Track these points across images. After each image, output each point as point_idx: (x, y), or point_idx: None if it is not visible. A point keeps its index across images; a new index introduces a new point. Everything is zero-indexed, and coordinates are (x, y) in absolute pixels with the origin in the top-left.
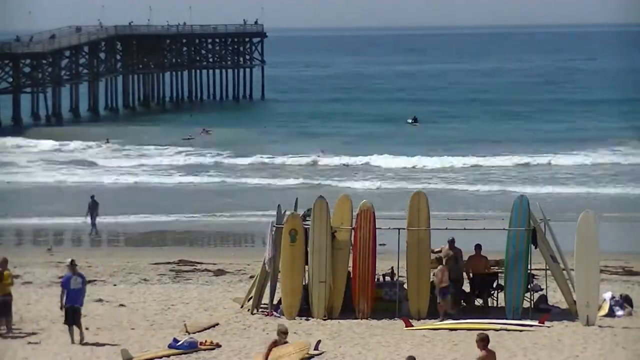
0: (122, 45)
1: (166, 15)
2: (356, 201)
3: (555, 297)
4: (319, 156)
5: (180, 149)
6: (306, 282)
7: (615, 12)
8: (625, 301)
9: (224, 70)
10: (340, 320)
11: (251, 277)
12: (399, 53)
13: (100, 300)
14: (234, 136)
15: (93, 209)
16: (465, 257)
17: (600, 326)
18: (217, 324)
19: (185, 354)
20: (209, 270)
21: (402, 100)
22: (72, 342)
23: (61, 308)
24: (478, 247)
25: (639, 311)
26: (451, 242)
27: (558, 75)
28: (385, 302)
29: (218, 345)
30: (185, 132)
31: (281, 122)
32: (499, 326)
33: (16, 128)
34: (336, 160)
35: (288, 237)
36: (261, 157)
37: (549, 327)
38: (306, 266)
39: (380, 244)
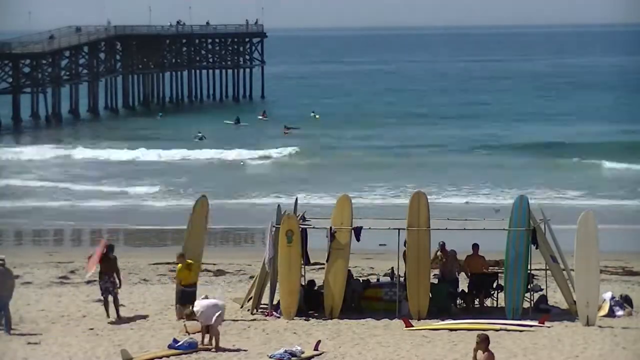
0: (122, 45)
1: (166, 15)
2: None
3: (555, 297)
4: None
5: None
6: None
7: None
8: (625, 301)
9: (223, 70)
10: (340, 320)
11: (251, 277)
12: (401, 52)
13: (100, 300)
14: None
15: None
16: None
17: (600, 326)
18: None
19: (185, 354)
20: (209, 271)
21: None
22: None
23: None
24: (475, 247)
25: (639, 311)
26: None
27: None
28: (385, 302)
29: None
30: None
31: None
32: (498, 326)
33: (16, 128)
34: None
35: (285, 238)
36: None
37: (549, 327)
38: (306, 267)
39: (380, 244)
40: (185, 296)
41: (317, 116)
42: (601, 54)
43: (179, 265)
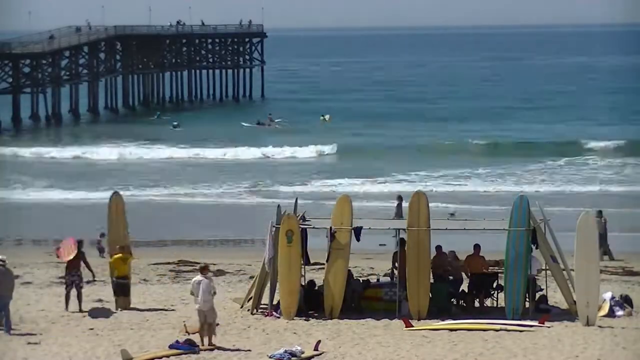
0: (122, 45)
1: (166, 15)
2: None
3: (555, 297)
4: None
5: None
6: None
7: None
8: (625, 301)
9: (223, 70)
10: (340, 320)
11: (251, 277)
12: (401, 52)
13: (100, 300)
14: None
15: None
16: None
17: (600, 326)
18: (217, 324)
19: (185, 354)
20: (209, 271)
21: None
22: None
23: None
24: (477, 247)
25: (639, 311)
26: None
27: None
28: (385, 302)
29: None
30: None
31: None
32: (498, 326)
33: (16, 129)
34: None
35: (285, 238)
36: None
37: (549, 327)
38: (306, 267)
39: (380, 244)
40: (119, 288)
41: (327, 117)
42: (601, 54)
43: (115, 256)
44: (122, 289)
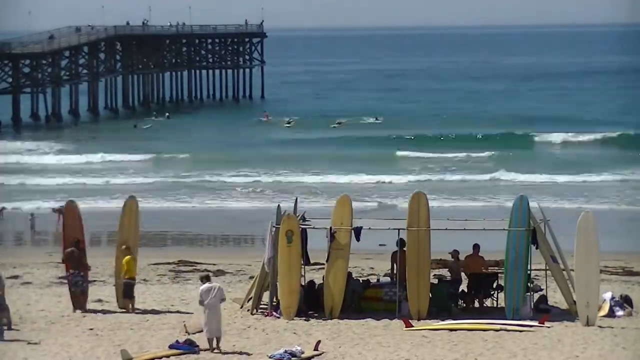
0: (122, 45)
1: (166, 15)
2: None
3: (555, 297)
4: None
5: None
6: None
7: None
8: (625, 301)
9: (223, 70)
10: (340, 320)
11: (251, 277)
12: (400, 52)
13: (100, 300)
14: None
15: None
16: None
17: (600, 326)
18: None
19: (185, 354)
20: (209, 271)
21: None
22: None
23: None
24: (476, 247)
25: (639, 311)
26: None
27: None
28: (385, 302)
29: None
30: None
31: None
32: (498, 326)
33: (16, 128)
34: None
35: (284, 238)
36: None
37: (549, 327)
38: (306, 267)
39: (380, 244)
40: (128, 288)
41: (337, 123)
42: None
43: (127, 257)
44: (131, 290)
